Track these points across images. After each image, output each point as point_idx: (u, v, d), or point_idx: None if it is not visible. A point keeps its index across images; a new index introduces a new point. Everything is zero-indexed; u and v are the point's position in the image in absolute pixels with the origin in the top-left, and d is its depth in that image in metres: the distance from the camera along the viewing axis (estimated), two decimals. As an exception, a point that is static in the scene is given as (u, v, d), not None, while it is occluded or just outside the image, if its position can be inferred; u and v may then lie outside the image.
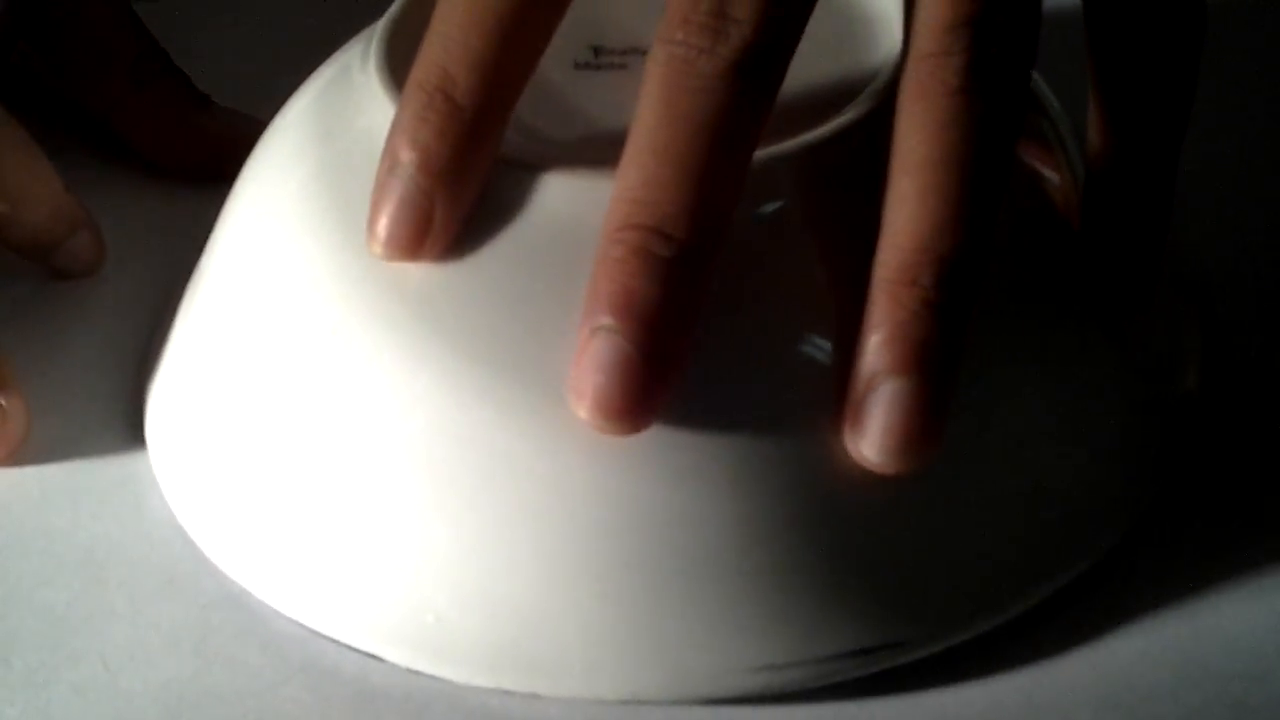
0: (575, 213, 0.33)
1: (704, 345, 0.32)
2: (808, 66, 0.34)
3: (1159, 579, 0.36)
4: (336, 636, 0.35)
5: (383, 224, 0.34)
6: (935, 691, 0.34)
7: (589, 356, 0.31)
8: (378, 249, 0.34)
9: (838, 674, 0.34)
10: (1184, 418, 0.39)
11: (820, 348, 0.34)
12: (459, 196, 0.34)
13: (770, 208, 0.34)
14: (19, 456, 0.40)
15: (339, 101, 0.37)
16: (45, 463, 0.40)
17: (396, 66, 0.36)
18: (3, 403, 0.39)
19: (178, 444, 0.39)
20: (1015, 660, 0.35)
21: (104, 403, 0.41)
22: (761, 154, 0.33)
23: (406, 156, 0.33)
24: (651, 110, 0.31)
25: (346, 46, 0.40)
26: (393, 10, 0.38)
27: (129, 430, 0.40)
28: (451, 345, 0.34)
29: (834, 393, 0.32)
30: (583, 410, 0.31)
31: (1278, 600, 0.35)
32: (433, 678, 0.34)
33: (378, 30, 0.38)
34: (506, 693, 0.34)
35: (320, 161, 0.37)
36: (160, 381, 0.40)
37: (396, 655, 0.35)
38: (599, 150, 0.33)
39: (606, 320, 0.31)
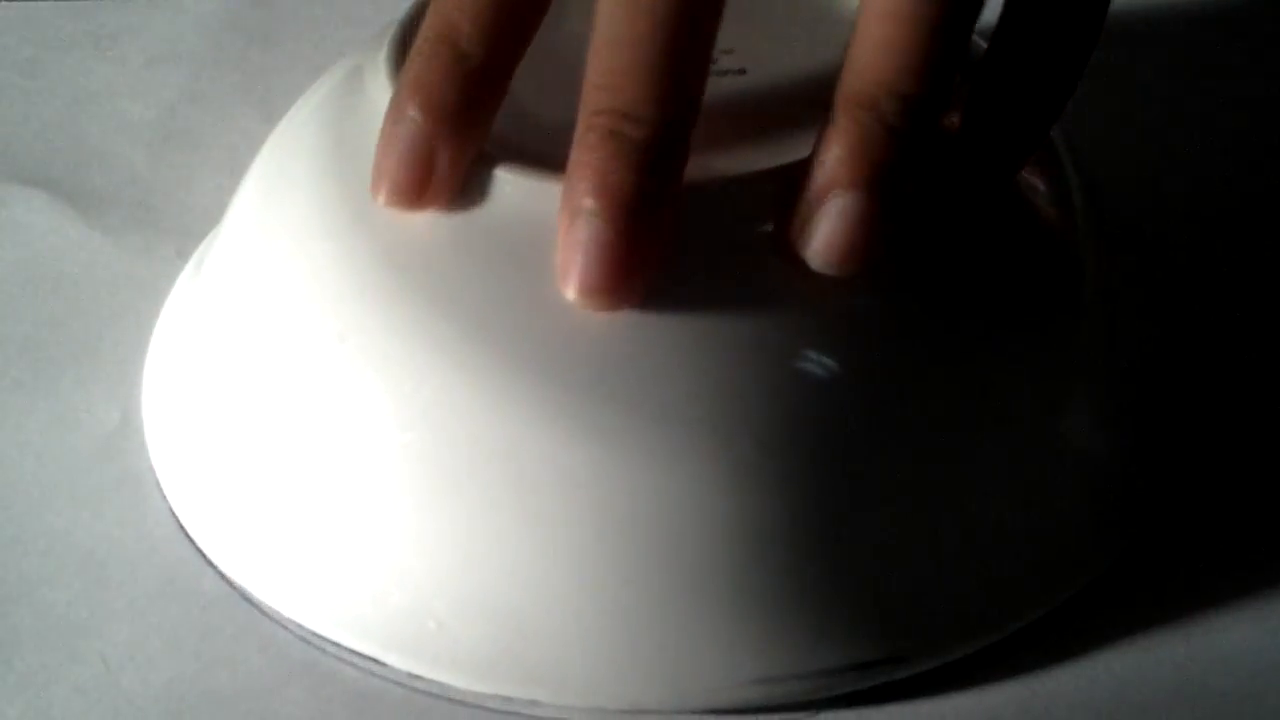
0: None
1: (705, 359, 0.33)
2: (810, 79, 0.34)
3: (1156, 596, 0.36)
4: (338, 640, 0.35)
5: (386, 169, 0.34)
6: (932, 703, 0.34)
7: (571, 240, 0.32)
8: (381, 196, 0.34)
9: (836, 687, 0.34)
10: (1180, 436, 0.39)
11: (821, 361, 0.34)
12: (463, 143, 0.34)
13: (775, 224, 0.34)
14: (19, 456, 0.40)
15: (351, 104, 0.37)
16: (45, 463, 0.40)
17: None
18: None
19: (178, 444, 0.39)
20: (1012, 674, 0.35)
21: (105, 402, 0.41)
22: (763, 169, 0.34)
23: (411, 104, 0.34)
24: (609, 2, 0.32)
25: (357, 48, 0.40)
26: (406, 13, 0.38)
27: (129, 430, 0.40)
28: (456, 355, 0.34)
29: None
30: (570, 291, 0.32)
31: (1274, 618, 0.36)
32: (433, 682, 0.35)
33: (391, 32, 0.38)
34: (506, 700, 0.34)
35: (332, 165, 0.37)
36: (162, 382, 0.40)
37: (397, 661, 0.35)
38: None
39: (586, 203, 0.32)
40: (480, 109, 0.34)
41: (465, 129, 0.34)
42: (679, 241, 0.33)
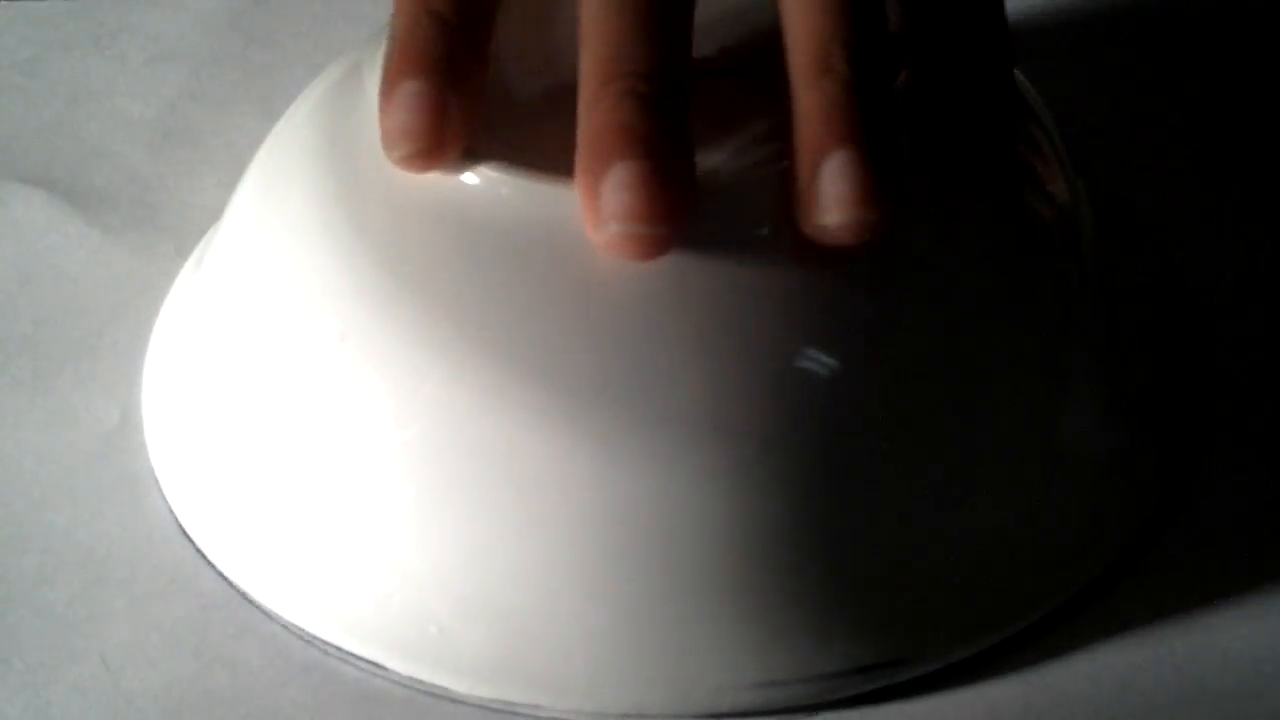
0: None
1: (707, 360, 0.33)
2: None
3: (1157, 594, 0.36)
4: (339, 644, 0.35)
5: (396, 127, 0.34)
6: (932, 701, 0.34)
7: (610, 185, 0.32)
8: (397, 152, 0.34)
9: (838, 690, 0.34)
10: (1180, 435, 0.39)
11: (823, 362, 0.34)
12: (466, 95, 0.34)
13: (780, 222, 0.34)
14: (18, 455, 0.40)
15: (349, 102, 0.37)
16: (45, 461, 0.39)
17: None
18: None
19: (178, 443, 0.39)
20: (1014, 673, 0.35)
21: (104, 401, 0.41)
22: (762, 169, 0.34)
23: (405, 76, 0.34)
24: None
25: (356, 46, 0.40)
26: None
27: (129, 429, 0.40)
28: (457, 355, 0.34)
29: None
30: (613, 227, 0.32)
31: (1274, 618, 0.36)
32: (435, 687, 0.35)
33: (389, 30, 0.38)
34: (509, 704, 0.34)
35: (330, 163, 0.37)
36: (162, 380, 0.40)
37: (399, 665, 0.35)
38: None
39: (621, 150, 0.32)
40: (473, 66, 0.35)
41: (463, 79, 0.34)
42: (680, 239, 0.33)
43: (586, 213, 0.32)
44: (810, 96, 0.33)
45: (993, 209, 0.37)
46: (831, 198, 0.32)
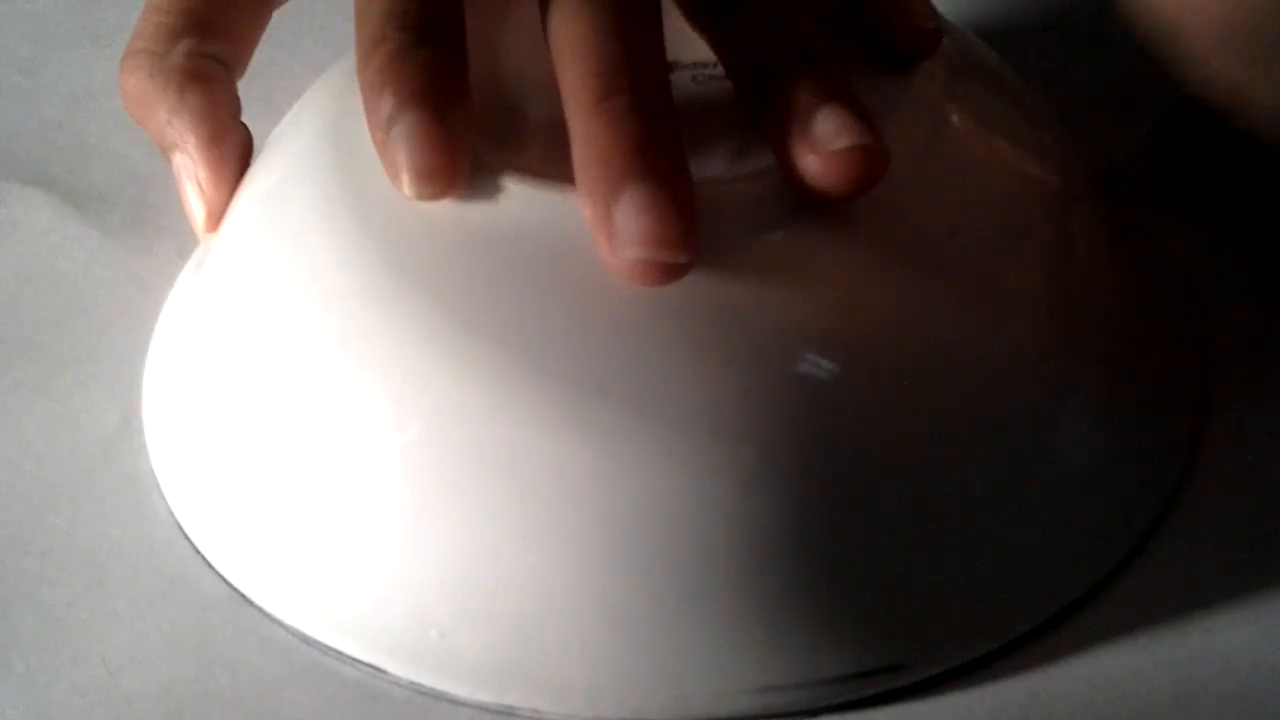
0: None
1: (708, 367, 0.33)
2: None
3: (1155, 598, 0.36)
4: (339, 648, 0.35)
5: (406, 163, 0.33)
6: (931, 704, 0.34)
7: (626, 208, 0.32)
8: (409, 190, 0.34)
9: (838, 696, 0.34)
10: (1178, 438, 0.39)
11: (823, 367, 0.34)
12: (464, 114, 0.34)
13: (781, 227, 0.34)
14: (19, 457, 0.40)
15: (352, 103, 0.37)
16: (45, 463, 0.39)
17: None
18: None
19: (179, 446, 0.39)
20: (1013, 677, 0.35)
21: (105, 403, 0.41)
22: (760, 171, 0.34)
23: (404, 104, 0.34)
24: (577, 15, 0.34)
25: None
26: None
27: (129, 431, 0.40)
28: (458, 360, 0.34)
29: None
30: (635, 251, 0.32)
31: (1274, 619, 0.36)
32: (435, 691, 0.35)
33: None
34: (509, 708, 0.34)
35: (332, 165, 0.37)
36: (162, 383, 0.40)
37: (399, 668, 0.35)
38: None
39: (627, 181, 0.32)
40: (457, 72, 0.35)
41: (456, 95, 0.34)
42: None
43: (598, 233, 0.32)
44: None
45: (991, 213, 0.37)
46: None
